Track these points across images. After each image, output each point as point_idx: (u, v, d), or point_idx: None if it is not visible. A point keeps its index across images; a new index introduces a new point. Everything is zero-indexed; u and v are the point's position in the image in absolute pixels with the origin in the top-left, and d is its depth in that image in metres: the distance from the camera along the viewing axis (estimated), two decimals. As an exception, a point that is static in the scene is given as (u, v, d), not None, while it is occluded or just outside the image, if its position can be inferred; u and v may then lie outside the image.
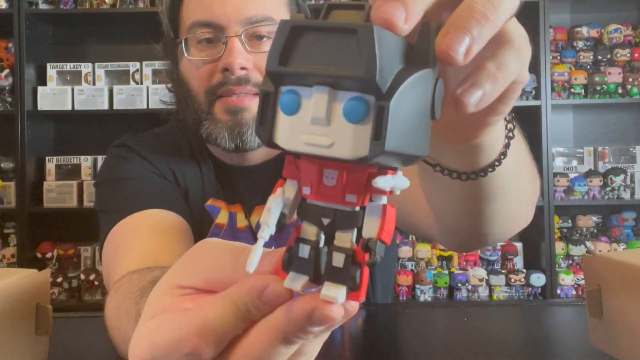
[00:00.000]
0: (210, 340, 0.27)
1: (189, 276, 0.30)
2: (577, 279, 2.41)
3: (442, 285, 2.42)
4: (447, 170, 0.44)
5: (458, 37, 0.27)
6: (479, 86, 0.29)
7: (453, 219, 0.57)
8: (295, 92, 0.26)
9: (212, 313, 0.27)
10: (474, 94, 0.29)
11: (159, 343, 0.28)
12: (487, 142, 0.41)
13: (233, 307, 0.27)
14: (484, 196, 0.49)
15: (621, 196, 2.43)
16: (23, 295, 0.61)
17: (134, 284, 0.59)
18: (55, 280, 2.35)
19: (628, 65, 2.51)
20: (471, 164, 0.43)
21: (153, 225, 0.80)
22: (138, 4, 2.45)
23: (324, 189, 0.27)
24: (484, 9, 0.28)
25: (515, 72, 0.31)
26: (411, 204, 0.72)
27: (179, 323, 0.27)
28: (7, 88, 2.43)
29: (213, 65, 0.84)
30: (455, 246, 0.69)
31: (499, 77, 0.30)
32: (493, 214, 0.52)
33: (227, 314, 0.27)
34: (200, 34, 0.84)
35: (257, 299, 0.26)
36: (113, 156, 0.94)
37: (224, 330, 0.27)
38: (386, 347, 0.74)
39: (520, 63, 0.31)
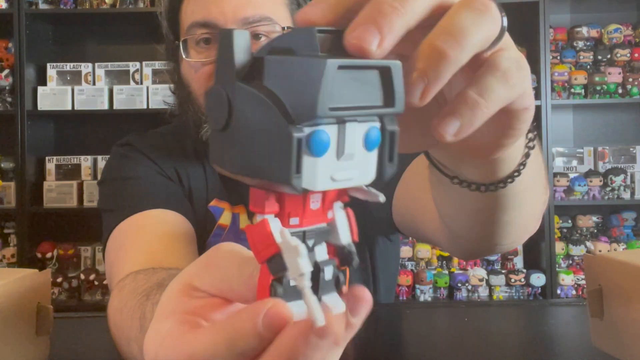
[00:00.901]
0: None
1: (204, 282, 0.29)
2: (577, 279, 2.41)
3: (442, 285, 2.42)
4: (465, 182, 0.43)
5: (366, 29, 0.26)
6: (456, 115, 0.28)
7: (465, 228, 0.56)
8: (325, 131, 0.25)
9: (202, 345, 0.26)
10: (450, 123, 0.28)
11: (164, 357, 0.28)
12: (506, 155, 0.39)
13: (226, 340, 0.25)
14: (500, 206, 0.48)
15: (621, 196, 2.43)
16: (24, 296, 0.60)
17: (139, 284, 0.59)
18: (55, 280, 2.35)
19: (628, 65, 2.51)
20: (490, 176, 0.42)
21: (156, 225, 0.80)
22: (138, 4, 2.45)
23: (311, 214, 0.27)
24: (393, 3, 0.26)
25: (502, 97, 0.30)
26: (418, 212, 0.72)
27: (176, 346, 0.27)
28: (7, 88, 2.43)
29: (212, 66, 0.84)
30: (463, 254, 0.68)
31: (481, 104, 0.28)
32: (507, 224, 0.51)
33: (219, 347, 0.25)
34: (198, 35, 0.84)
35: (258, 326, 0.25)
36: (117, 155, 0.94)
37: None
38: (386, 347, 0.74)
39: (508, 88, 0.30)
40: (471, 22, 0.27)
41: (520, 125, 0.34)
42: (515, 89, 0.30)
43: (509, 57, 0.30)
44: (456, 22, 0.27)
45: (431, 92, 0.27)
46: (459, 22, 0.27)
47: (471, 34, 0.27)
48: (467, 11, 0.27)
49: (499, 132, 0.35)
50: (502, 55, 0.30)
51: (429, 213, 0.66)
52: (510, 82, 0.29)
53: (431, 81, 0.26)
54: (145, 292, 0.54)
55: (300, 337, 0.25)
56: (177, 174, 0.93)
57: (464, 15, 0.27)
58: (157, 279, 0.58)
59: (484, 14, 0.28)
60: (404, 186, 0.78)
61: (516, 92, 0.30)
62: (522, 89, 0.31)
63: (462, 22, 0.27)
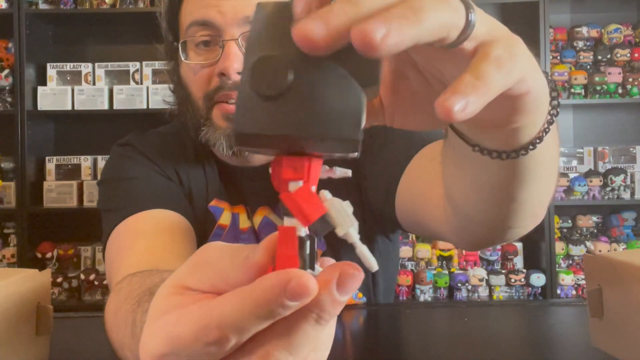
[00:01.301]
0: (231, 332, 0.26)
1: (196, 280, 0.29)
2: (577, 279, 2.41)
3: (442, 285, 2.42)
4: (486, 149, 0.43)
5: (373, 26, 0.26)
6: (460, 94, 0.28)
7: (478, 209, 0.55)
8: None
9: (231, 305, 0.26)
10: (457, 102, 0.28)
11: (180, 334, 0.27)
12: (527, 121, 0.39)
13: (252, 305, 0.26)
14: (519, 179, 0.47)
15: (621, 196, 2.43)
16: (24, 296, 0.60)
17: (133, 288, 0.59)
18: (55, 280, 2.35)
19: (628, 65, 2.51)
20: (511, 142, 0.42)
21: (156, 225, 0.80)
22: (138, 4, 2.45)
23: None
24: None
25: (500, 82, 0.30)
26: (422, 204, 0.72)
27: (201, 314, 0.27)
28: (7, 88, 2.43)
29: (210, 69, 0.84)
30: (470, 242, 0.66)
31: (480, 86, 0.29)
32: (525, 200, 0.51)
33: (245, 311, 0.26)
34: (197, 37, 0.84)
35: (281, 295, 0.25)
36: (117, 155, 0.94)
37: (245, 322, 0.26)
38: (386, 347, 0.74)
39: (503, 74, 0.30)
40: (427, 5, 0.28)
41: (526, 106, 0.35)
42: (511, 73, 0.31)
43: (499, 44, 0.31)
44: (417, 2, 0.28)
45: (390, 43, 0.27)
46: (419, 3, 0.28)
47: (430, 15, 0.28)
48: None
49: (508, 111, 0.36)
50: (491, 44, 0.31)
51: (434, 205, 0.66)
52: (503, 66, 0.30)
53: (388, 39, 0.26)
54: (137, 297, 0.54)
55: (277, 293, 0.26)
56: (176, 174, 0.93)
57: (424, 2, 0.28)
58: (149, 283, 0.58)
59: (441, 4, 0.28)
60: (407, 181, 0.78)
61: (512, 78, 0.31)
62: (520, 71, 0.32)
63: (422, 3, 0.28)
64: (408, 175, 0.77)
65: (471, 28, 0.31)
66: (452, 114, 0.28)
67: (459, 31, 0.30)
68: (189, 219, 0.85)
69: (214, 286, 0.29)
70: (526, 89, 0.34)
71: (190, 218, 0.86)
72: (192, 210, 0.89)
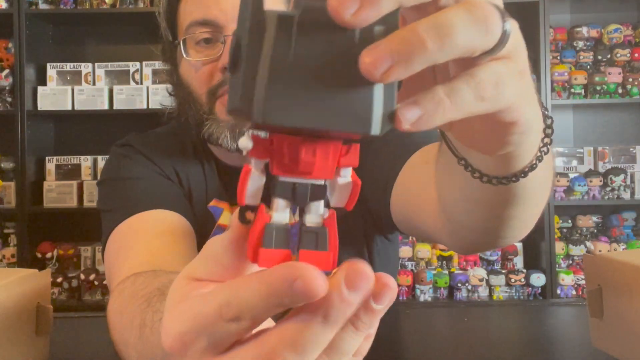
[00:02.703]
0: (248, 314, 0.26)
1: (201, 270, 0.30)
2: (577, 279, 2.41)
3: (442, 285, 2.42)
4: (477, 172, 0.42)
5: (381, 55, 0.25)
6: (419, 105, 0.27)
7: (470, 217, 0.55)
8: None
9: (245, 291, 0.26)
10: (411, 110, 0.27)
11: (203, 311, 0.27)
12: (519, 151, 0.38)
13: (266, 292, 0.26)
14: (505, 200, 0.47)
15: (621, 196, 2.43)
16: (24, 296, 0.60)
17: (139, 288, 0.59)
18: (55, 280, 2.35)
19: (628, 65, 2.51)
20: (502, 169, 0.41)
21: (156, 226, 0.80)
22: (138, 4, 2.45)
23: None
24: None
25: (470, 107, 0.29)
26: (417, 207, 0.72)
27: (225, 292, 0.27)
28: (7, 88, 2.43)
29: (212, 65, 0.84)
30: (463, 247, 0.66)
31: (445, 105, 0.28)
32: (515, 217, 0.51)
33: (260, 295, 0.26)
34: (198, 34, 0.84)
35: (288, 290, 0.25)
36: (117, 156, 0.94)
37: (258, 308, 0.26)
38: (386, 347, 0.74)
39: (479, 99, 0.29)
40: (462, 27, 0.27)
41: (510, 136, 0.34)
42: (489, 102, 0.29)
43: (496, 70, 0.29)
44: (448, 20, 0.27)
45: (394, 75, 0.26)
46: (450, 21, 0.27)
47: (457, 39, 0.26)
48: (464, 14, 0.27)
49: (492, 138, 0.35)
50: (489, 65, 0.29)
51: (428, 208, 0.66)
52: (483, 94, 0.29)
53: (399, 64, 0.26)
54: (146, 297, 0.54)
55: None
56: (176, 175, 0.92)
57: (458, 18, 0.27)
58: (157, 283, 0.58)
59: (480, 24, 0.27)
60: (402, 183, 0.78)
61: (491, 106, 0.30)
62: (505, 103, 0.30)
63: (454, 23, 0.27)
64: (403, 177, 0.78)
65: (499, 47, 0.29)
66: (402, 123, 0.27)
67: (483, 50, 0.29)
68: (189, 219, 0.85)
69: (217, 274, 0.29)
70: (512, 118, 0.32)
71: (190, 218, 0.86)
72: (191, 211, 0.89)
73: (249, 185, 0.27)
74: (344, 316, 0.26)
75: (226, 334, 0.27)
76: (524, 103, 0.32)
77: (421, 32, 0.26)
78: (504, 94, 0.30)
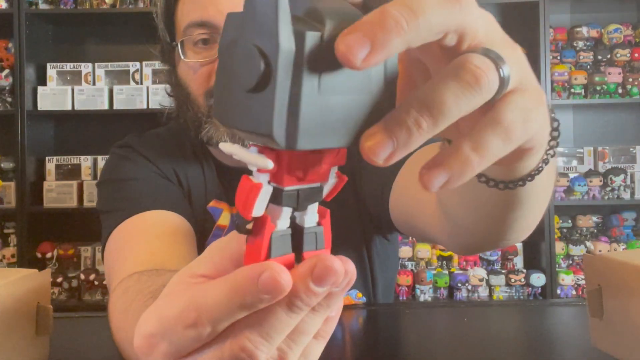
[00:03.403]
0: (207, 320, 0.26)
1: (201, 265, 0.30)
2: (577, 279, 2.41)
3: (442, 285, 2.42)
4: (484, 177, 0.42)
5: (359, 40, 0.24)
6: (445, 168, 0.26)
7: (472, 220, 0.55)
8: None
9: (210, 294, 0.27)
10: (438, 175, 0.26)
11: (166, 315, 0.27)
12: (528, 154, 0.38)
13: (231, 292, 0.26)
14: (509, 203, 0.47)
15: (621, 196, 2.43)
16: (24, 296, 0.60)
17: (144, 286, 0.59)
18: (55, 280, 2.35)
19: (628, 65, 2.51)
20: (505, 175, 0.41)
21: (156, 226, 0.80)
22: (138, 4, 2.45)
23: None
24: (400, 15, 0.24)
25: (499, 153, 0.27)
26: (416, 208, 0.72)
27: (184, 296, 0.27)
28: (7, 88, 2.43)
29: (211, 66, 0.84)
30: (463, 248, 0.66)
31: (473, 162, 0.27)
32: (519, 219, 0.50)
33: (223, 298, 0.26)
34: (196, 36, 0.84)
35: (254, 287, 0.26)
36: (116, 156, 0.94)
37: (220, 312, 0.26)
38: (386, 347, 0.74)
39: (508, 144, 0.27)
40: (453, 98, 0.26)
41: (525, 158, 0.33)
42: (517, 141, 0.28)
43: (518, 106, 0.28)
44: (437, 95, 0.26)
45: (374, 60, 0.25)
46: (440, 96, 0.26)
47: (450, 110, 0.26)
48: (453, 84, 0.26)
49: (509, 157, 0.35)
50: (510, 103, 0.28)
51: (427, 209, 0.66)
52: (512, 137, 0.28)
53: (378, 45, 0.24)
54: (152, 293, 0.54)
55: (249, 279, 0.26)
56: (175, 175, 0.92)
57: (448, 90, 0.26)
58: (162, 281, 0.58)
59: (473, 88, 0.26)
60: (401, 183, 0.78)
61: (518, 143, 0.28)
62: (528, 135, 0.29)
63: (443, 97, 0.26)
64: (402, 178, 0.77)
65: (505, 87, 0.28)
66: (431, 187, 0.27)
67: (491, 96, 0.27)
68: (188, 219, 0.85)
69: (216, 269, 0.30)
70: (530, 145, 0.31)
71: (189, 219, 0.85)
72: (191, 211, 0.89)
73: (259, 200, 0.27)
74: (308, 306, 0.27)
75: (185, 340, 0.27)
76: (542, 128, 0.31)
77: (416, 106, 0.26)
78: (532, 128, 0.29)
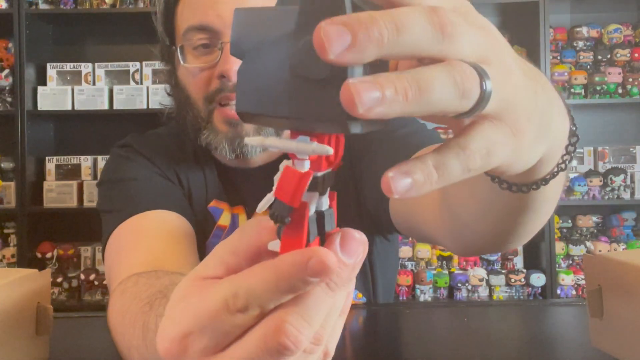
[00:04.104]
0: (256, 303, 0.27)
1: (210, 267, 0.30)
2: (577, 279, 2.41)
3: (442, 285, 2.42)
4: (497, 179, 0.41)
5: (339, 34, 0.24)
6: (409, 174, 0.27)
7: (478, 220, 0.54)
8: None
9: (255, 280, 0.27)
10: (402, 181, 0.27)
11: (207, 306, 0.27)
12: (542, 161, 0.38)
13: (277, 277, 0.27)
14: (526, 206, 0.46)
15: (621, 196, 2.43)
16: (23, 296, 0.60)
17: (141, 289, 0.59)
18: (55, 280, 2.35)
19: (628, 65, 2.51)
20: (524, 177, 0.40)
21: (156, 226, 0.80)
22: (138, 4, 2.45)
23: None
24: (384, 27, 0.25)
25: (458, 177, 0.28)
26: (416, 208, 0.71)
27: (230, 284, 0.28)
28: (7, 88, 2.43)
29: (210, 71, 0.83)
30: (465, 248, 0.66)
31: (433, 178, 0.27)
32: (527, 223, 0.50)
33: (271, 282, 0.27)
34: (196, 40, 0.83)
35: (303, 272, 0.26)
36: (116, 156, 0.94)
37: (268, 296, 0.27)
38: (386, 347, 0.74)
39: (467, 171, 0.28)
40: (440, 87, 0.26)
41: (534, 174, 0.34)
42: (475, 171, 0.29)
43: (485, 136, 0.29)
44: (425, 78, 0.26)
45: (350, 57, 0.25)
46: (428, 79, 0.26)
47: (433, 98, 0.26)
48: (442, 75, 0.26)
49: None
50: (478, 132, 0.29)
51: (428, 209, 0.66)
52: (472, 165, 0.28)
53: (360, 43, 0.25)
54: (148, 299, 0.54)
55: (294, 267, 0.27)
56: (176, 175, 0.92)
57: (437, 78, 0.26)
58: (159, 285, 0.58)
59: (458, 87, 0.26)
60: None
61: (475, 173, 0.29)
62: (490, 166, 0.29)
63: (431, 82, 0.26)
64: None
65: (478, 108, 0.28)
66: (392, 193, 0.27)
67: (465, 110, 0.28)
68: (188, 219, 0.85)
69: (227, 266, 0.30)
70: (514, 171, 0.32)
71: (190, 219, 0.86)
72: (191, 211, 0.89)
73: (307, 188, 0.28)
74: (343, 281, 0.28)
75: (232, 327, 0.27)
76: (526, 153, 0.32)
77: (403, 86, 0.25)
78: (493, 162, 0.29)
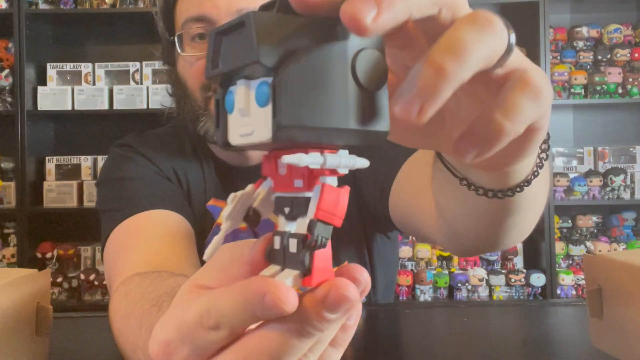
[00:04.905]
0: (227, 323, 0.26)
1: (206, 276, 0.30)
2: (577, 279, 2.41)
3: (442, 285, 2.42)
4: (474, 186, 0.42)
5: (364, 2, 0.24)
6: (477, 139, 0.27)
7: (467, 227, 0.55)
8: (231, 91, 0.28)
9: (226, 300, 0.26)
10: (471, 148, 0.27)
11: (185, 319, 0.27)
12: (518, 166, 0.38)
13: (243, 302, 0.26)
14: (506, 211, 0.47)
15: (621, 196, 2.43)
16: (23, 296, 0.60)
17: (147, 290, 0.59)
18: (55, 280, 2.35)
19: (628, 65, 2.51)
20: (500, 183, 0.41)
21: (156, 226, 0.80)
22: (138, 4, 2.45)
23: (280, 179, 0.29)
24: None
25: (531, 117, 0.28)
26: (415, 209, 0.72)
27: (207, 301, 0.27)
28: (7, 88, 2.43)
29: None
30: (461, 251, 0.67)
31: (506, 128, 0.27)
32: (512, 227, 0.51)
33: (238, 305, 0.26)
34: (193, 30, 0.85)
35: (260, 304, 0.25)
36: (116, 156, 0.94)
37: (236, 319, 0.26)
38: (386, 347, 0.74)
39: (538, 106, 0.27)
40: (473, 37, 0.26)
41: (533, 145, 0.33)
42: (544, 106, 0.28)
43: (538, 71, 0.28)
44: (457, 37, 0.26)
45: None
46: (459, 37, 0.26)
47: (473, 50, 0.26)
48: (469, 26, 0.26)
49: (510, 151, 0.34)
50: (530, 70, 0.28)
51: (426, 210, 0.66)
52: (541, 98, 0.28)
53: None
54: (155, 301, 0.54)
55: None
56: (175, 174, 0.93)
57: (466, 31, 0.26)
58: (166, 287, 0.58)
59: (487, 29, 0.26)
60: (400, 183, 0.78)
61: (543, 111, 0.28)
62: (548, 106, 0.29)
63: (463, 37, 0.26)
64: (402, 177, 0.78)
65: (509, 52, 0.28)
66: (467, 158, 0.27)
67: (498, 58, 0.28)
68: (188, 218, 0.85)
69: (219, 280, 0.30)
70: (541, 124, 0.31)
71: (189, 218, 0.86)
72: (190, 210, 0.89)
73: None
74: (321, 332, 0.26)
75: (207, 342, 0.27)
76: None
77: (437, 60, 0.25)
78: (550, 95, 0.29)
